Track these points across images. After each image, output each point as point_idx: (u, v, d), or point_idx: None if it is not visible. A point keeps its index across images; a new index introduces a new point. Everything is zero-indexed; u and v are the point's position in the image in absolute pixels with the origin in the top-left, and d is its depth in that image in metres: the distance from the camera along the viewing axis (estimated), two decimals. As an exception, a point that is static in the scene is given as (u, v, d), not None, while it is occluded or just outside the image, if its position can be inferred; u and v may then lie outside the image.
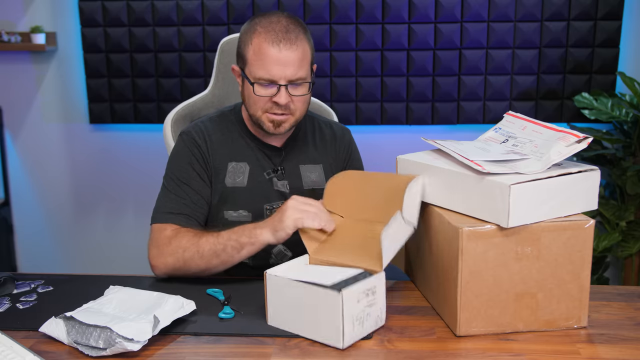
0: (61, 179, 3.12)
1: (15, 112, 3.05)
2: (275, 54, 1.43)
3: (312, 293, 1.17)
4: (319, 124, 1.69)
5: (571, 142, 1.25)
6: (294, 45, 1.44)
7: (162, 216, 1.50)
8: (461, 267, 1.20)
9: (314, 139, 1.66)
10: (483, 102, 2.87)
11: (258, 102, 1.48)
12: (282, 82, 1.45)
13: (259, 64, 1.45)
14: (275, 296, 1.23)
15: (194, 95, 1.86)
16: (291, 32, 1.45)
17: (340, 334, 1.15)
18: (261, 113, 1.50)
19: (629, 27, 2.83)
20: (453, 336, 1.24)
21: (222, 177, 1.56)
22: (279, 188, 1.58)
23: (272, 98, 1.47)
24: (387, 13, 2.80)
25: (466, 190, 1.24)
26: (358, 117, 2.90)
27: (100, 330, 1.15)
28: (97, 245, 3.16)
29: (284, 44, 1.43)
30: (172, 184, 1.54)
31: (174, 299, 1.28)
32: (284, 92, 1.45)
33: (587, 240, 1.23)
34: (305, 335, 1.21)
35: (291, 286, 1.20)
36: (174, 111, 1.78)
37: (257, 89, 1.47)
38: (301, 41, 1.46)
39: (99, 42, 2.89)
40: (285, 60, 1.43)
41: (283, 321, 1.23)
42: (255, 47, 1.45)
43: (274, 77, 1.44)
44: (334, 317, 1.15)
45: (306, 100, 1.52)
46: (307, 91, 1.49)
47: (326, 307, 1.15)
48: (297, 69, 1.45)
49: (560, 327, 1.26)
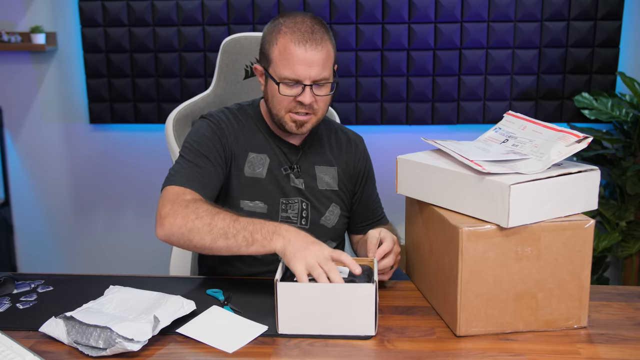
0: (61, 179, 3.12)
1: (15, 112, 3.05)
2: (301, 54, 1.44)
3: (342, 290, 1.21)
4: (334, 128, 1.70)
5: (571, 142, 1.25)
6: (319, 46, 1.45)
7: (180, 180, 1.45)
8: (461, 267, 1.20)
9: (330, 142, 1.66)
10: (483, 102, 2.87)
11: (282, 101, 1.49)
12: (307, 82, 1.45)
13: (284, 63, 1.45)
14: (288, 303, 1.23)
15: (194, 96, 1.86)
16: (316, 33, 1.45)
17: (372, 321, 1.22)
18: (284, 113, 1.50)
19: (629, 27, 2.83)
20: (453, 336, 1.24)
21: (242, 165, 1.56)
22: (295, 185, 1.58)
23: (297, 98, 1.47)
24: (387, 13, 2.80)
25: (466, 190, 1.24)
26: (358, 117, 2.90)
27: (100, 330, 1.15)
28: (97, 245, 3.16)
29: (309, 44, 1.44)
30: (190, 154, 1.50)
31: (174, 299, 1.28)
32: (308, 92, 1.46)
33: (587, 240, 1.23)
34: (332, 333, 1.23)
35: (310, 289, 1.22)
36: (175, 111, 1.78)
37: (282, 89, 1.47)
38: (326, 42, 1.47)
39: (99, 42, 2.89)
40: (310, 61, 1.44)
41: (299, 326, 1.23)
42: (280, 47, 1.46)
43: (299, 77, 1.45)
44: (367, 308, 1.21)
45: (328, 101, 1.53)
46: (329, 91, 1.50)
47: (358, 300, 1.20)
48: (321, 69, 1.45)
49: (560, 327, 1.26)
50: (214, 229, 1.32)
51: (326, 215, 1.61)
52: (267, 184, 1.56)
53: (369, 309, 1.21)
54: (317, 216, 1.60)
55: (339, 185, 1.63)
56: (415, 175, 1.36)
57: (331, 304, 1.21)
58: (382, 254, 1.39)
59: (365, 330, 1.23)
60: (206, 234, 1.32)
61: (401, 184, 1.40)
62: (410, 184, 1.38)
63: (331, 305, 1.21)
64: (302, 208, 1.58)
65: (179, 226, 1.34)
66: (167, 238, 1.37)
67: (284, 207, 1.57)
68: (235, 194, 1.55)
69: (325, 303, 1.21)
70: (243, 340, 1.20)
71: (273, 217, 1.56)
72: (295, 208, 1.58)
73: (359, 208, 1.69)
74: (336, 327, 1.23)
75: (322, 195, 1.60)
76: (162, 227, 1.35)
